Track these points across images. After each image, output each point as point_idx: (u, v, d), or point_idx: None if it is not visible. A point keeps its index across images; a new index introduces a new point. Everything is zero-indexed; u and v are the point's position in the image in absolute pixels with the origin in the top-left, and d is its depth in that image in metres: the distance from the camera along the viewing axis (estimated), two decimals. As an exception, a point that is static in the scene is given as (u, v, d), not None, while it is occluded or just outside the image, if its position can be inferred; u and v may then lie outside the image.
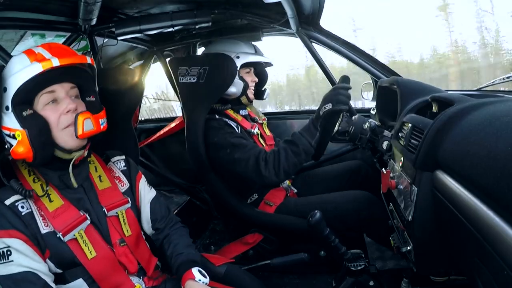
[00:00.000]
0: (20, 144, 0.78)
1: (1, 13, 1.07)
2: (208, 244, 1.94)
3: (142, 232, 1.01)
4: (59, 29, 1.34)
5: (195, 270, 0.90)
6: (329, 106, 1.17)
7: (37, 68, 0.76)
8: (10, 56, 1.16)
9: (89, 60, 0.86)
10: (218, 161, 1.37)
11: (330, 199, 1.40)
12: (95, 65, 0.91)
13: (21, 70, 0.77)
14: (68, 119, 0.81)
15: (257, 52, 1.51)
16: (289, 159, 1.22)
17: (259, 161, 1.24)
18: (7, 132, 0.79)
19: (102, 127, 0.87)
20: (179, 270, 0.93)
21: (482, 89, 1.37)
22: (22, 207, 0.79)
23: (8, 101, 0.77)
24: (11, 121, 0.78)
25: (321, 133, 1.25)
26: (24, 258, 0.75)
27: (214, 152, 1.37)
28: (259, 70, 1.60)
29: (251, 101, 1.54)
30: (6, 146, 0.83)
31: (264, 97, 1.63)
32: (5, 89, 0.78)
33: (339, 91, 1.18)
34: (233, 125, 1.39)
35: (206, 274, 0.92)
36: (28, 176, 0.83)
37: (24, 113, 0.77)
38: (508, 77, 1.25)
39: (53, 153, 0.82)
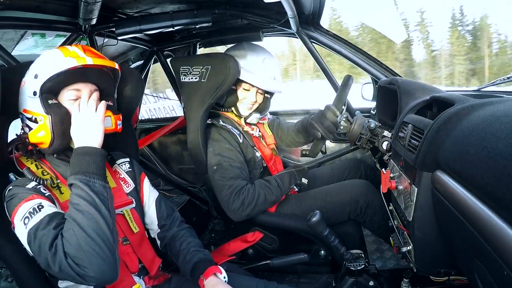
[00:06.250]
0: (40, 128, 0.82)
1: (1, 13, 1.07)
2: (208, 244, 1.93)
3: (145, 233, 1.01)
4: (59, 29, 1.34)
5: (222, 268, 0.93)
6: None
7: (72, 63, 0.82)
8: (11, 56, 1.16)
9: (117, 65, 0.91)
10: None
11: (329, 191, 1.42)
12: (119, 73, 0.95)
13: (56, 62, 0.82)
14: None
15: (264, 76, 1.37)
16: (263, 205, 1.33)
17: (232, 194, 1.29)
18: (29, 115, 0.83)
19: (119, 127, 0.93)
20: (199, 265, 0.93)
21: (482, 89, 1.37)
22: (44, 189, 0.80)
23: (37, 87, 0.82)
24: (35, 106, 0.82)
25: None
26: (54, 208, 0.76)
27: (208, 157, 1.38)
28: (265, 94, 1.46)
29: (241, 117, 1.46)
30: (21, 131, 0.87)
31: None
32: (36, 76, 0.82)
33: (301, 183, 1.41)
34: (235, 133, 1.39)
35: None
36: (36, 169, 0.85)
37: (50, 101, 0.82)
38: (508, 78, 1.25)
39: (69, 143, 0.85)
